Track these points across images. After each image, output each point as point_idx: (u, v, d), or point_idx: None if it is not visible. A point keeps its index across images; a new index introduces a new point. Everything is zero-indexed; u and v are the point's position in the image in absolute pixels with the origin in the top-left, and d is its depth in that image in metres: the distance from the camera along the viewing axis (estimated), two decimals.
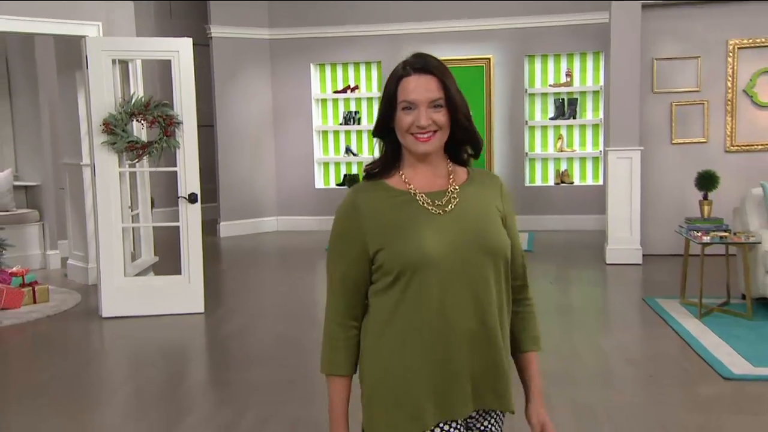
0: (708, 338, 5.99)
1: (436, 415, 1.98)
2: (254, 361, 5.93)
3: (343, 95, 12.25)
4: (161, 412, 4.92)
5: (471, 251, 1.97)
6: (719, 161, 8.99)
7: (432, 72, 1.96)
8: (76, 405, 5.05)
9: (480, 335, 1.99)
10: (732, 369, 5.29)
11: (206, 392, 5.40)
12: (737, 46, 9.16)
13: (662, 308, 6.92)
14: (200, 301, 7.17)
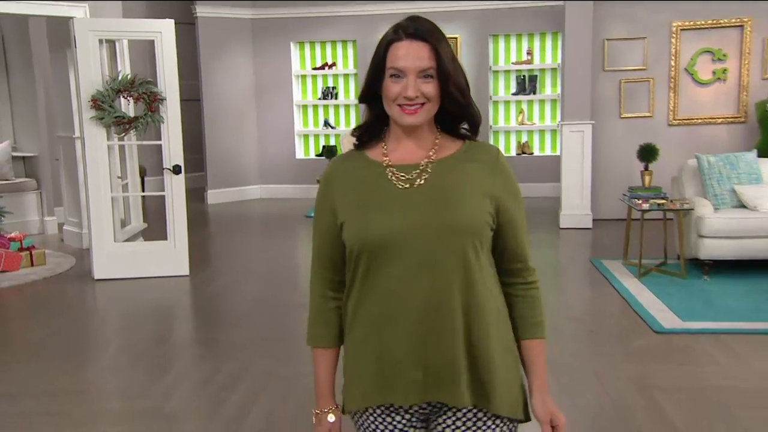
0: (644, 296, 6.13)
1: (378, 397, 1.78)
2: (233, 320, 5.99)
3: (321, 72, 12.24)
4: (146, 367, 4.96)
5: (433, 229, 1.70)
6: (663, 134, 9.11)
7: (425, 38, 1.68)
8: (69, 360, 5.11)
9: (437, 321, 1.72)
10: (663, 323, 5.43)
11: (187, 348, 5.44)
12: (680, 28, 9.24)
13: (606, 269, 7.05)
14: (185, 264, 7.22)
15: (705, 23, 9.23)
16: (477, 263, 1.73)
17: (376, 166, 1.79)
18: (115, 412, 4.31)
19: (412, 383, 1.73)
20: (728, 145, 9.24)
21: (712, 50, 9.28)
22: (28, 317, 6.37)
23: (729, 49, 9.27)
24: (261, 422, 4.03)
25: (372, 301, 1.75)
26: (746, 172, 6.93)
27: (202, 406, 4.32)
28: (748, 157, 7.05)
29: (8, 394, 4.54)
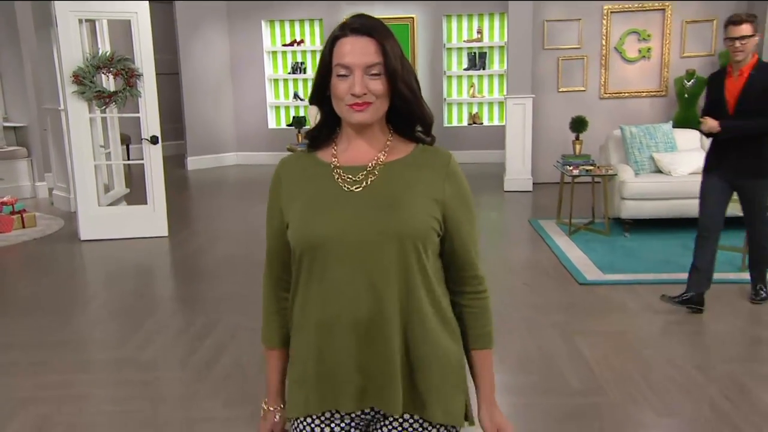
0: (573, 252, 6.25)
1: (319, 403, 1.60)
2: (207, 277, 6.01)
3: (290, 48, 12.12)
4: (126, 320, 4.98)
5: (370, 234, 1.52)
6: (595, 107, 9.21)
7: (370, 34, 1.50)
8: (56, 314, 5.11)
9: (373, 327, 1.53)
10: (586, 276, 5.56)
11: (164, 303, 5.45)
12: (610, 11, 9.31)
13: (542, 227, 7.15)
14: (164, 226, 7.20)
15: (632, 7, 9.30)
16: (419, 269, 1.54)
17: (323, 167, 1.60)
18: (98, 362, 4.34)
19: (351, 389, 1.56)
20: (651, 116, 9.38)
21: (638, 31, 9.37)
22: (19, 275, 6.33)
23: (653, 30, 9.37)
24: (229, 368, 4.07)
25: (314, 305, 1.57)
26: (663, 141, 7.04)
27: (176, 355, 4.35)
28: (664, 128, 7.16)
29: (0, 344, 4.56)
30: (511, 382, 3.88)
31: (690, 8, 9.29)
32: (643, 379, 3.83)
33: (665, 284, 5.32)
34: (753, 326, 4.55)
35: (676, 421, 3.42)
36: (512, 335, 4.46)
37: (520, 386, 3.83)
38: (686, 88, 9.09)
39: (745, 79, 4.37)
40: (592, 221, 7.18)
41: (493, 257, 6.22)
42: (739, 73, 4.40)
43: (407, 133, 1.63)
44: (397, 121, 1.61)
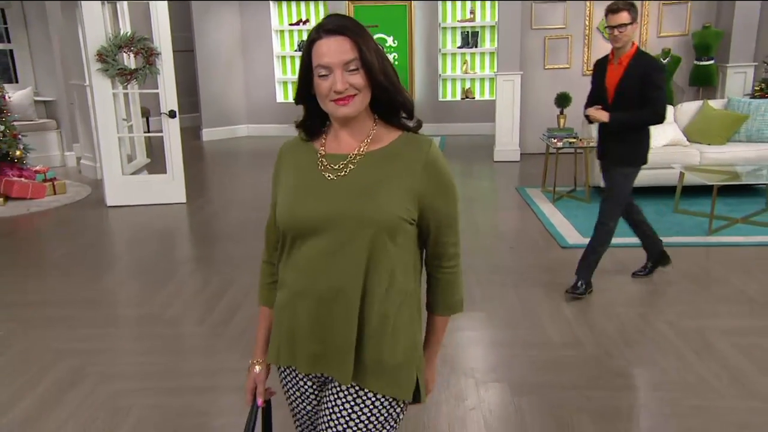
0: (556, 217, 6.26)
1: (286, 358, 1.66)
2: (222, 240, 6.02)
3: (296, 27, 11.96)
4: (149, 280, 5.02)
5: (345, 220, 1.53)
6: (578, 83, 9.09)
7: (344, 33, 1.48)
8: (86, 274, 5.17)
9: (332, 300, 1.56)
10: (568, 240, 5.59)
11: (183, 264, 5.49)
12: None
13: (528, 195, 7.16)
14: (182, 193, 7.20)
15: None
16: (384, 254, 1.54)
17: (312, 155, 1.62)
18: (125, 317, 4.40)
19: (310, 355, 1.60)
20: None
21: None
22: (52, 238, 6.36)
23: None
24: (244, 324, 4.12)
25: (291, 276, 1.62)
26: None
27: (195, 311, 4.40)
28: None
29: (36, 301, 4.62)
30: (498, 336, 3.95)
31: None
32: (617, 334, 3.89)
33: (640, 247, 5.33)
34: (718, 285, 4.59)
35: (646, 371, 3.48)
36: (500, 294, 4.51)
37: (507, 340, 3.89)
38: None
39: (624, 68, 4.04)
40: (574, 189, 7.19)
41: (483, 223, 6.26)
42: (618, 61, 4.09)
43: (392, 120, 1.61)
44: (381, 110, 1.60)
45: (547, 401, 3.20)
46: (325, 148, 1.61)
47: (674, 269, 4.86)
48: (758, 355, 3.58)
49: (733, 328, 3.92)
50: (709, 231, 5.67)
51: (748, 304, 4.24)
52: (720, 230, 5.69)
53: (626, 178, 4.29)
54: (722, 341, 3.74)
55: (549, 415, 3.08)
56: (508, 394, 3.27)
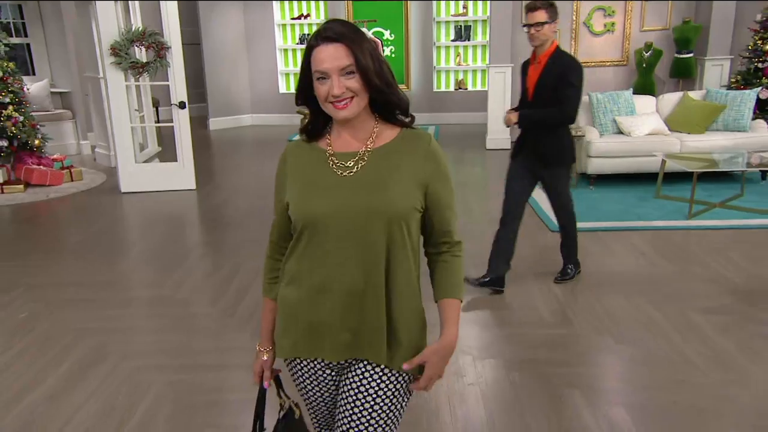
0: (545, 203, 6.06)
1: (307, 350, 1.65)
2: (231, 225, 5.99)
3: (298, 21, 11.85)
4: (162, 263, 5.02)
5: (361, 213, 1.54)
6: None
7: (340, 40, 1.49)
8: (103, 257, 5.16)
9: (362, 293, 1.57)
10: (557, 224, 5.53)
11: (194, 248, 5.48)
12: None
13: None
14: (192, 180, 7.17)
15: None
16: (401, 242, 1.57)
17: (320, 154, 1.62)
18: (140, 299, 4.40)
19: (340, 344, 1.61)
20: (614, 83, 9.29)
21: (604, 7, 9.20)
22: (70, 223, 6.33)
23: (617, 6, 9.20)
24: (253, 306, 4.11)
25: (309, 270, 1.60)
26: (624, 106, 6.99)
27: (207, 293, 4.40)
28: (626, 95, 7.09)
29: (56, 283, 4.61)
30: (493, 316, 3.97)
31: None
32: (605, 313, 3.90)
33: (624, 231, 5.38)
34: (699, 268, 4.60)
35: (632, 348, 3.50)
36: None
37: (503, 319, 3.91)
38: (644, 58, 8.98)
39: (543, 66, 3.75)
40: None
41: (476, 208, 6.25)
42: (538, 60, 3.78)
43: (391, 118, 1.62)
44: (380, 109, 1.61)
45: (540, 376, 3.22)
46: (333, 147, 1.61)
47: (657, 252, 4.88)
48: (736, 332, 3.61)
49: (713, 307, 3.94)
50: (689, 215, 5.68)
51: (726, 285, 4.26)
52: (699, 214, 5.70)
53: (559, 178, 4.17)
54: (703, 320, 3.76)
55: (542, 389, 3.11)
56: (503, 370, 3.30)
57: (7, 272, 4.85)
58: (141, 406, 3.04)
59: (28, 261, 5.10)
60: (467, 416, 2.91)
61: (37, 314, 4.09)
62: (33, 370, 3.40)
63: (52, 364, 3.45)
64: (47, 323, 3.96)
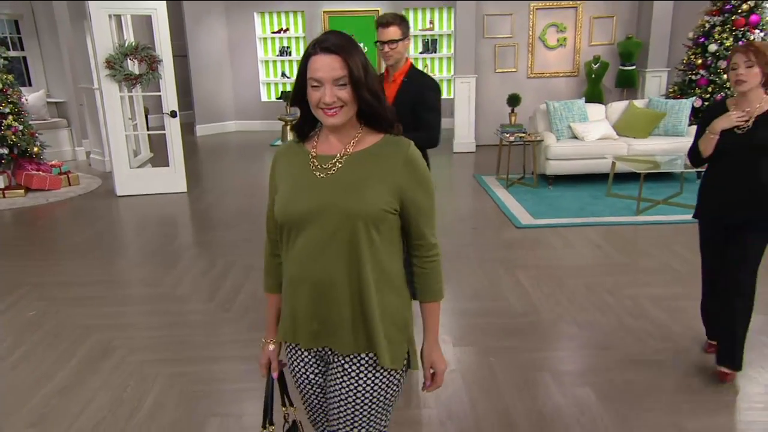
0: (509, 201, 6.29)
1: (290, 337, 1.64)
2: (221, 225, 5.91)
3: (278, 35, 11.73)
4: (159, 262, 4.94)
5: (333, 213, 1.50)
6: (524, 85, 9.21)
7: (337, 52, 1.45)
8: (103, 257, 5.06)
9: (329, 286, 1.54)
10: (521, 221, 5.63)
11: (189, 248, 5.39)
12: (535, 8, 9.18)
13: (484, 181, 7.17)
14: (183, 183, 7.07)
15: (552, 5, 9.20)
16: (368, 241, 1.51)
17: (305, 156, 1.58)
18: (141, 296, 4.32)
19: (310, 332, 1.60)
20: (566, 92, 9.41)
21: (557, 24, 9.30)
22: (70, 225, 6.17)
23: (568, 23, 9.31)
24: (248, 301, 4.09)
25: (290, 265, 1.60)
26: (578, 113, 7.09)
27: (203, 290, 4.34)
28: (579, 103, 7.19)
29: (60, 282, 4.52)
30: (467, 307, 3.98)
31: (596, 6, 9.25)
32: (568, 302, 3.97)
33: (581, 226, 5.46)
34: (647, 258, 4.71)
35: (592, 332, 3.56)
36: (466, 270, 4.54)
37: (475, 310, 3.93)
38: (593, 69, 9.12)
39: (398, 86, 3.16)
40: (523, 176, 7.23)
41: (446, 207, 6.25)
42: (393, 79, 3.20)
43: (375, 125, 1.57)
44: (367, 117, 1.56)
45: (514, 361, 3.26)
46: (316, 150, 1.58)
47: (610, 245, 4.96)
48: (680, 315, 3.69)
49: (661, 294, 4.03)
50: (636, 211, 5.79)
51: (672, 274, 4.36)
52: (645, 211, 5.82)
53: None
54: (653, 306, 3.85)
55: (516, 373, 3.15)
56: (481, 356, 3.33)
57: (13, 272, 4.72)
58: (149, 398, 3.00)
59: (32, 261, 4.98)
60: (451, 400, 2.93)
61: (44, 312, 3.99)
62: (44, 364, 3.33)
63: (62, 359, 3.37)
64: (54, 320, 3.87)
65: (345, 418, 1.61)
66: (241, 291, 4.25)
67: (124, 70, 6.57)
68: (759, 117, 2.76)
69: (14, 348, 3.53)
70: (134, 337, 3.66)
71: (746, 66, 2.70)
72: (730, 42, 7.28)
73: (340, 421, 1.63)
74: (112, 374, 3.22)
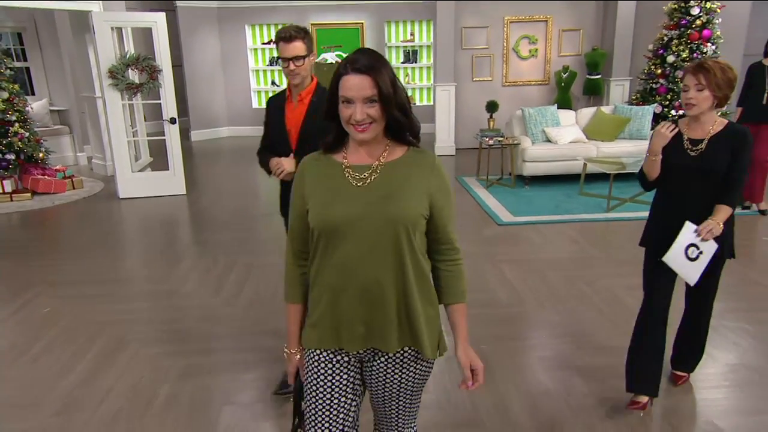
0: (490, 200, 6.34)
1: (331, 343, 1.60)
2: (220, 225, 5.86)
3: (267, 46, 11.62)
4: (164, 260, 4.89)
5: (373, 219, 1.49)
6: (499, 92, 9.29)
7: (367, 72, 1.43)
8: (109, 256, 4.99)
9: (373, 290, 1.52)
10: (502, 218, 5.67)
11: (191, 247, 5.34)
12: (509, 21, 9.24)
13: (465, 182, 7.20)
14: (182, 186, 7.00)
15: (524, 18, 9.28)
16: (408, 246, 1.52)
17: (337, 166, 1.56)
18: (149, 293, 4.28)
19: (356, 336, 1.57)
20: (538, 100, 9.51)
21: (529, 36, 9.38)
22: (76, 226, 6.06)
23: (539, 35, 9.40)
24: (251, 296, 4.07)
25: (328, 272, 1.55)
26: (551, 119, 7.17)
27: (209, 287, 4.31)
28: (552, 109, 7.27)
29: (71, 281, 4.45)
30: None
31: (564, 20, 9.36)
32: (549, 293, 4.02)
33: (557, 223, 5.52)
34: (619, 251, 4.78)
35: (573, 320, 3.62)
36: None
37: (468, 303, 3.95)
38: (562, 78, 9.23)
39: (306, 107, 2.62)
40: (502, 177, 7.27)
41: None
42: (299, 99, 2.64)
43: (400, 138, 1.57)
44: (393, 130, 1.55)
45: (504, 349, 3.30)
46: (348, 160, 1.56)
47: (585, 240, 5.04)
48: None
49: (633, 284, 4.08)
50: (607, 209, 5.88)
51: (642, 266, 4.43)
52: (615, 208, 5.92)
53: None
54: (626, 295, 3.93)
55: (507, 359, 3.19)
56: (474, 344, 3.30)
57: (26, 272, 4.65)
58: (163, 388, 2.98)
59: (43, 261, 4.89)
60: (448, 385, 2.96)
61: (58, 309, 3.94)
62: (63, 358, 3.29)
63: (80, 353, 3.34)
64: (69, 317, 3.82)
65: (393, 404, 1.68)
66: (245, 287, 4.23)
67: (126, 79, 6.49)
68: (711, 139, 2.45)
69: (33, 342, 3.49)
70: (146, 331, 3.63)
71: (696, 89, 2.38)
72: (686, 54, 7.43)
73: (388, 407, 1.69)
74: (128, 366, 3.19)
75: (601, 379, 2.98)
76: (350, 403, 1.66)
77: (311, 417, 1.65)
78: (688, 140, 2.51)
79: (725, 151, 2.42)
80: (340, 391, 1.64)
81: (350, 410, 1.66)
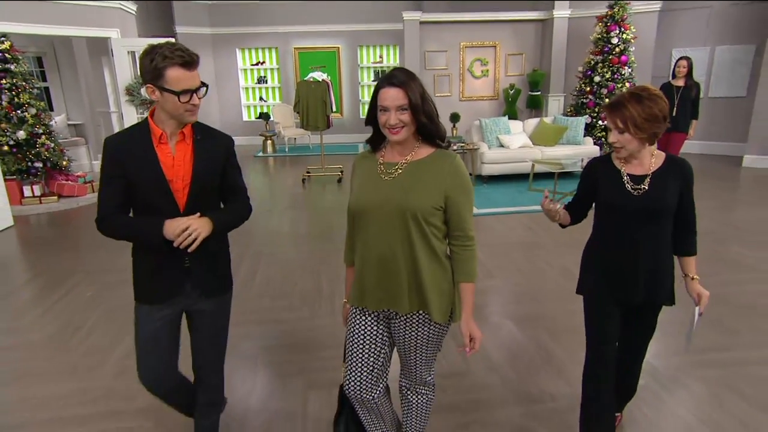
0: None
1: (360, 301, 1.72)
2: None
3: (256, 67, 11.52)
4: None
5: (391, 207, 1.58)
6: (458, 106, 9.45)
7: (400, 86, 1.53)
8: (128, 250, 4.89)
9: (387, 262, 1.62)
10: None
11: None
12: (465, 46, 9.42)
13: None
14: None
15: (477, 44, 9.46)
16: (418, 230, 1.59)
17: (375, 162, 1.67)
18: None
19: (374, 298, 1.68)
20: (489, 111, 9.71)
21: (481, 59, 9.57)
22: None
23: (489, 58, 9.59)
24: (264, 282, 4.03)
25: (360, 246, 1.68)
26: (503, 127, 7.33)
27: None
28: (504, 120, 7.41)
29: (105, 269, 4.36)
30: None
31: (509, 46, 9.59)
32: (516, 269, 4.14)
33: (513, 213, 5.63)
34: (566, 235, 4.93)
35: (538, 291, 3.74)
36: None
37: None
38: (509, 94, 9.46)
39: (192, 147, 1.81)
40: None
41: None
42: (178, 138, 1.79)
43: (430, 141, 1.63)
44: (424, 134, 1.62)
45: (484, 315, 3.41)
46: (384, 158, 1.66)
47: (538, 227, 5.20)
48: None
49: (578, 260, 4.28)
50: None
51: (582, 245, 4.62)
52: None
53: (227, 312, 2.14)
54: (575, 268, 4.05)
55: (487, 324, 3.30)
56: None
57: (64, 263, 4.55)
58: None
59: (76, 254, 4.79)
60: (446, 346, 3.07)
61: (100, 294, 3.88)
62: (107, 337, 3.25)
63: (124, 329, 3.30)
64: (110, 300, 3.77)
65: (411, 356, 1.77)
66: (258, 272, 4.19)
67: (141, 96, 6.37)
68: (655, 174, 1.87)
69: (84, 321, 3.45)
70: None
71: (617, 132, 1.83)
72: (609, 75, 7.78)
73: (408, 358, 1.78)
74: None
75: (565, 337, 3.11)
76: (379, 349, 1.76)
77: (348, 357, 1.75)
78: (628, 177, 1.90)
79: (673, 187, 1.86)
80: (370, 338, 1.75)
81: (379, 355, 1.75)
